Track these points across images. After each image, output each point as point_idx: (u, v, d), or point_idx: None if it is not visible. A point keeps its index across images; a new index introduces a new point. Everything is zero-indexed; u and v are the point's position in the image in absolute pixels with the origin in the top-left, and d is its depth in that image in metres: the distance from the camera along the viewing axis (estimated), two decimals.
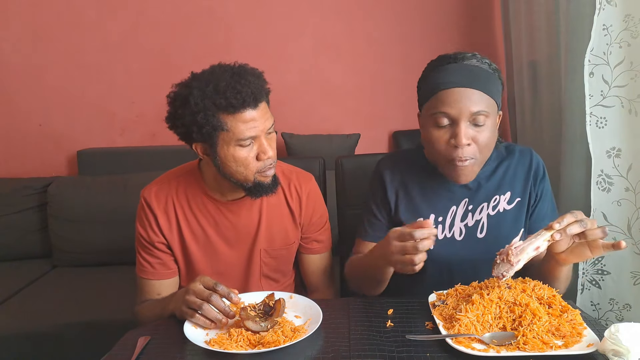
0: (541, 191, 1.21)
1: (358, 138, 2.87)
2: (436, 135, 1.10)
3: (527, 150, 1.24)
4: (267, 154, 1.13)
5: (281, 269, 1.36)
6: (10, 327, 1.85)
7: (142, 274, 1.27)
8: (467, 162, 1.09)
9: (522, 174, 1.21)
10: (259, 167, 1.14)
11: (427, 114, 1.13)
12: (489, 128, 1.09)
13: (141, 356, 0.93)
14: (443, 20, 2.91)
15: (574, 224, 0.93)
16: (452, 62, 1.11)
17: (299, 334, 0.95)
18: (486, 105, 1.08)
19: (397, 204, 1.24)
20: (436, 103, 1.09)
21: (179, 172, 1.30)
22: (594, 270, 1.43)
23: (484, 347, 0.89)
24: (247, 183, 1.16)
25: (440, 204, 1.21)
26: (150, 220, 1.25)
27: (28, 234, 2.49)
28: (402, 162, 1.28)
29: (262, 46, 2.90)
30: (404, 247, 0.95)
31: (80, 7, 2.81)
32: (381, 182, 1.27)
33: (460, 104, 1.06)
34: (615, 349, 0.80)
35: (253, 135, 1.11)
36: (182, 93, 1.11)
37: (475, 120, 1.07)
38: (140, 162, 2.68)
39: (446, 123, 1.08)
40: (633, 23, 1.28)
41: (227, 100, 1.06)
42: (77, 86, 2.88)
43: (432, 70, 1.14)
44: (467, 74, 1.09)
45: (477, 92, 1.07)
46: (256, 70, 1.17)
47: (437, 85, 1.10)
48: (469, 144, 1.07)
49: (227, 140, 1.11)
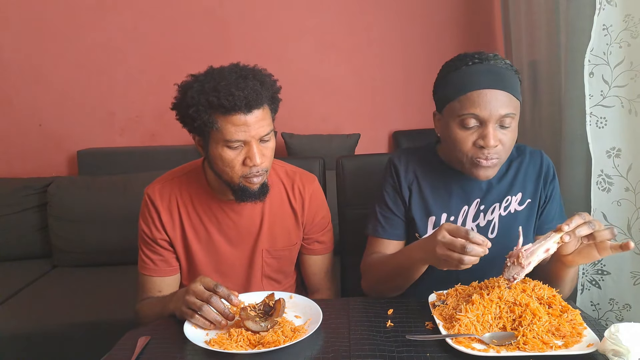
0: (551, 192, 1.22)
1: (358, 138, 2.87)
2: (462, 136, 1.09)
3: (537, 152, 1.25)
4: (253, 161, 1.11)
5: (283, 270, 1.36)
6: (10, 327, 1.85)
7: (143, 270, 1.27)
8: (492, 161, 1.08)
9: (533, 176, 1.21)
10: (244, 172, 1.13)
11: (452, 115, 1.11)
12: (514, 129, 1.10)
13: (141, 356, 0.93)
14: (443, 20, 2.91)
15: (583, 226, 0.93)
16: (478, 63, 1.09)
17: (299, 334, 0.95)
18: (514, 107, 1.08)
19: (410, 199, 1.23)
20: (465, 104, 1.07)
21: (183, 170, 1.31)
22: (594, 270, 1.43)
23: (484, 347, 0.89)
24: (232, 185, 1.16)
25: (452, 203, 1.21)
26: (154, 217, 1.25)
27: (28, 234, 2.49)
28: (415, 159, 1.26)
29: (262, 46, 2.91)
30: (453, 243, 0.93)
31: (81, 7, 2.81)
32: (396, 176, 1.25)
33: (490, 106, 1.05)
34: (615, 349, 0.80)
35: (242, 139, 1.10)
36: (188, 83, 1.14)
37: (503, 122, 1.07)
38: (140, 162, 2.68)
39: (473, 124, 1.07)
40: (633, 23, 1.28)
41: (219, 100, 1.06)
42: (77, 86, 2.88)
43: (456, 70, 1.11)
44: (495, 75, 1.07)
45: (505, 93, 1.07)
46: (267, 77, 1.16)
47: (464, 85, 1.08)
48: (496, 146, 1.07)
49: (217, 139, 1.11)
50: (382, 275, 1.18)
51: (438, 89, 1.17)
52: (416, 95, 2.87)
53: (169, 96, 1.18)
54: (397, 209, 1.24)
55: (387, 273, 1.15)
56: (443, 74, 1.16)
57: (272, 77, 1.18)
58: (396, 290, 1.16)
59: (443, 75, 1.16)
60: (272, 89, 1.16)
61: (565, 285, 1.09)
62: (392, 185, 1.25)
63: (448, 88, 1.12)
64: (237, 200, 1.20)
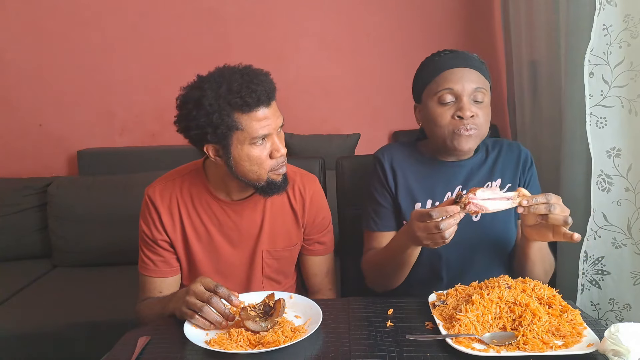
0: (529, 179, 1.28)
1: (358, 138, 2.87)
2: (440, 111, 1.19)
3: (514, 143, 1.33)
4: (280, 152, 1.16)
5: (283, 271, 1.36)
6: (10, 327, 1.85)
7: (144, 271, 1.27)
8: (472, 131, 1.17)
9: (512, 163, 1.28)
10: (272, 165, 1.16)
11: (430, 95, 1.22)
12: (487, 105, 1.21)
13: (141, 356, 0.93)
14: (443, 20, 2.91)
15: (542, 205, 0.99)
16: (449, 53, 1.24)
17: (299, 334, 0.95)
18: (483, 83, 1.20)
19: (396, 189, 1.29)
20: (440, 82, 1.20)
21: (183, 170, 1.30)
22: (594, 270, 1.43)
23: (484, 347, 0.89)
24: (260, 182, 1.17)
25: (436, 189, 1.27)
26: (154, 217, 1.25)
27: (28, 234, 2.49)
28: (399, 151, 1.33)
29: (262, 46, 2.91)
30: (427, 227, 0.98)
31: (81, 7, 2.81)
32: (381, 169, 1.31)
33: (463, 80, 1.18)
34: (615, 349, 0.80)
35: (266, 133, 1.13)
36: (193, 95, 1.10)
37: (476, 97, 1.18)
38: (140, 162, 2.68)
39: (449, 100, 1.18)
40: (633, 23, 1.28)
41: (243, 99, 1.08)
42: (77, 86, 2.88)
43: (431, 60, 1.25)
44: (464, 58, 1.22)
45: (475, 71, 1.20)
46: (262, 70, 1.17)
47: (438, 68, 1.21)
48: (472, 116, 1.16)
49: (242, 140, 1.12)
50: (381, 266, 1.21)
51: (416, 82, 1.30)
52: None
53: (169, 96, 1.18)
54: (386, 200, 1.30)
55: (385, 263, 1.19)
56: (420, 68, 1.29)
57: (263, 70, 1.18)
58: (398, 277, 1.19)
59: (420, 69, 1.29)
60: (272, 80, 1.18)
61: (535, 265, 1.15)
62: (378, 179, 1.31)
63: (423, 75, 1.25)
64: (264, 196, 1.22)
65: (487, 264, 1.23)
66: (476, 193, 0.97)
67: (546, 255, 1.18)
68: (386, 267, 1.19)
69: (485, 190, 0.98)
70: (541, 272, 1.17)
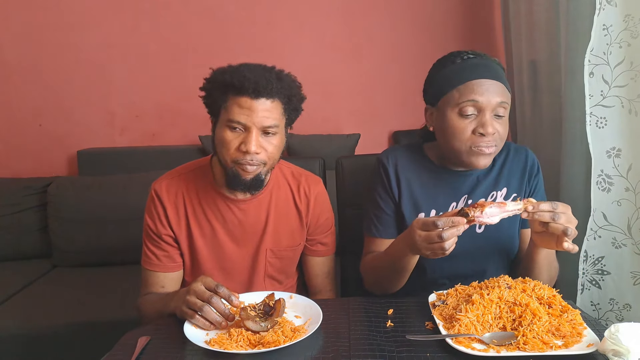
0: (534, 186, 1.26)
1: (358, 138, 2.87)
2: (461, 125, 1.13)
3: (522, 148, 1.29)
4: (247, 147, 1.12)
5: (285, 270, 1.36)
6: (10, 327, 1.85)
7: (147, 265, 1.28)
8: (492, 149, 1.13)
9: (518, 171, 1.25)
10: (237, 157, 1.14)
11: (450, 104, 1.15)
12: (506, 121, 1.16)
13: (141, 356, 0.93)
14: (443, 20, 2.91)
15: (546, 213, 0.97)
16: (473, 58, 1.17)
17: (299, 334, 0.95)
18: (507, 97, 1.15)
19: (400, 197, 1.26)
20: (464, 92, 1.13)
21: (190, 167, 1.31)
22: (594, 270, 1.43)
23: (484, 347, 0.89)
24: (227, 169, 1.18)
25: (441, 199, 1.24)
26: (160, 212, 1.26)
27: (28, 234, 2.49)
28: (404, 156, 1.30)
29: (262, 46, 2.90)
30: (429, 236, 0.96)
31: (81, 7, 2.81)
32: (385, 174, 1.28)
33: (488, 94, 1.12)
34: (615, 349, 0.80)
35: (243, 122, 1.12)
36: (221, 67, 1.18)
37: (498, 112, 1.13)
38: (140, 162, 2.68)
39: (471, 112, 1.12)
40: (633, 23, 1.28)
41: (232, 79, 1.11)
42: (77, 86, 2.88)
43: (453, 63, 1.17)
44: (489, 68, 1.15)
45: (500, 84, 1.14)
46: (289, 79, 1.18)
47: (463, 76, 1.14)
48: (494, 133, 1.12)
49: (223, 119, 1.15)
50: (380, 271, 1.20)
51: (433, 83, 1.22)
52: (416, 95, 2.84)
53: (169, 96, 1.19)
54: (388, 207, 1.27)
55: (384, 268, 1.18)
56: (438, 68, 1.21)
57: (297, 84, 1.21)
58: (397, 283, 1.17)
59: (438, 69, 1.21)
60: (290, 90, 1.18)
61: (541, 271, 1.13)
62: (382, 184, 1.28)
63: (445, 80, 1.17)
64: (227, 186, 1.22)
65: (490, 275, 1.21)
66: (483, 211, 0.95)
67: (553, 262, 1.17)
68: (383, 272, 1.18)
69: (493, 206, 0.96)
70: (546, 278, 1.15)
